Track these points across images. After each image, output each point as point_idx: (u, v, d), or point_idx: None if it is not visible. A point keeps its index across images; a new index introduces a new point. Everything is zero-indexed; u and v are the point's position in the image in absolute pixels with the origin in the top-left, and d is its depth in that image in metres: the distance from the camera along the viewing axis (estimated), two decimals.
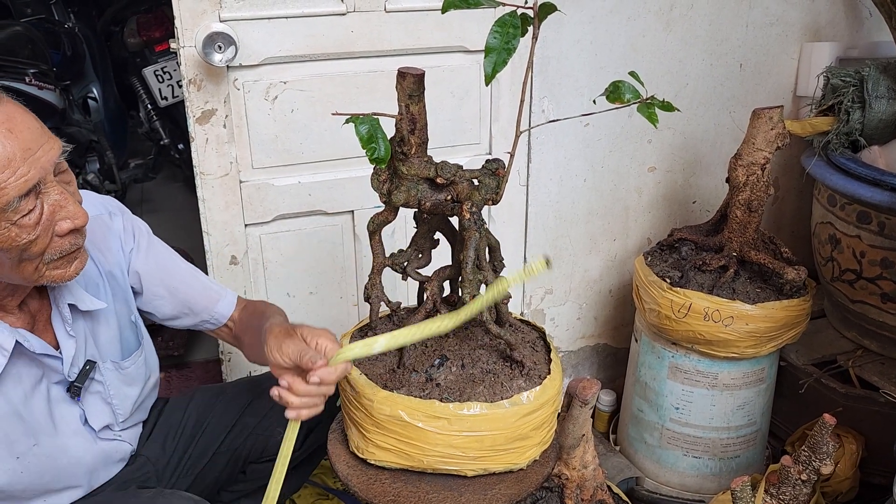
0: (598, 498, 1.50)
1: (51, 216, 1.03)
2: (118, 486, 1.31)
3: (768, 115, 1.66)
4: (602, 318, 2.21)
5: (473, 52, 1.74)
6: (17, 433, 1.14)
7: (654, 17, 1.87)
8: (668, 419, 1.88)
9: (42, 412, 1.17)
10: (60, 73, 3.31)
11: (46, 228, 1.02)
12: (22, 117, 1.00)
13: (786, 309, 1.68)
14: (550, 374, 1.27)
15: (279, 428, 1.40)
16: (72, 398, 1.21)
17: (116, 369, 1.29)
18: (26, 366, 1.14)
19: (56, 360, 1.17)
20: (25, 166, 0.98)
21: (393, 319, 1.39)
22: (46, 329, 1.18)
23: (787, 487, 1.39)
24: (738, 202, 1.73)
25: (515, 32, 0.96)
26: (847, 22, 2.09)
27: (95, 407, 1.25)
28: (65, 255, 1.07)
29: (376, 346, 1.10)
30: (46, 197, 1.02)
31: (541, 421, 1.24)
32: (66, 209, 1.04)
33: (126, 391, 1.31)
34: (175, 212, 3.86)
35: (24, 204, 0.99)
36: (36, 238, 1.01)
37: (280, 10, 1.55)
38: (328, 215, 1.76)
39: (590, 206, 2.03)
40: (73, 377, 1.20)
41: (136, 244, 1.33)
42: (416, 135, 1.13)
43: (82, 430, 1.23)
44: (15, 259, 1.02)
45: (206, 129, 1.59)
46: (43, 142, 1.01)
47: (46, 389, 1.18)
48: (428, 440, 1.18)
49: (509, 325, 1.34)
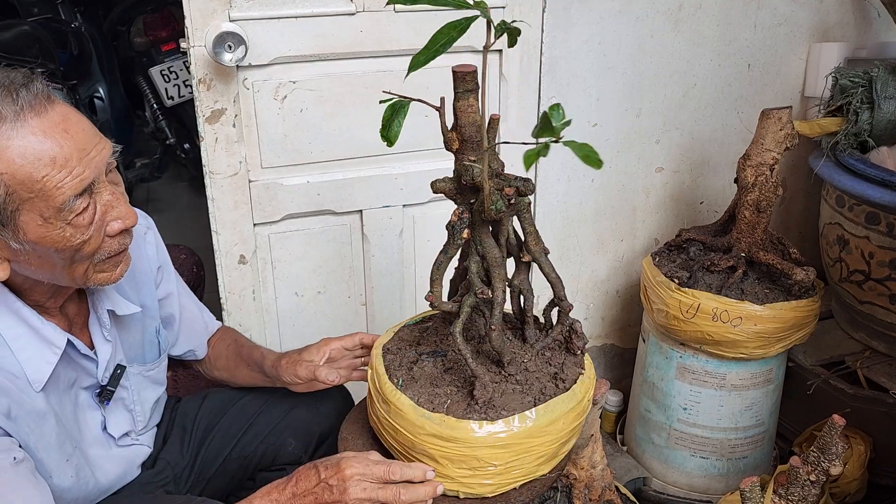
0: (607, 498, 1.50)
1: (103, 216, 1.03)
2: (140, 489, 1.31)
3: (777, 116, 1.66)
4: (609, 318, 2.21)
5: (482, 51, 1.73)
6: (63, 435, 1.14)
7: (663, 18, 1.87)
8: (675, 420, 1.88)
9: (71, 417, 1.17)
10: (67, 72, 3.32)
11: (99, 228, 1.03)
12: (76, 118, 1.01)
13: (794, 310, 1.68)
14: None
15: (291, 438, 1.42)
16: (99, 403, 1.21)
17: (141, 374, 1.30)
18: (63, 369, 1.14)
19: (92, 362, 1.18)
20: (81, 166, 0.98)
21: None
22: (83, 332, 1.19)
23: (795, 488, 1.39)
24: (747, 203, 1.73)
25: (455, 38, 0.96)
26: (855, 22, 2.09)
27: (117, 414, 1.26)
28: (113, 255, 1.07)
29: None
30: (99, 197, 1.03)
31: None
32: (118, 209, 1.05)
33: (146, 395, 1.32)
34: (181, 211, 3.87)
35: (78, 203, 0.99)
36: (89, 238, 1.02)
37: (290, 10, 1.55)
38: (337, 215, 1.76)
39: (597, 206, 2.03)
40: (105, 381, 1.21)
41: (164, 266, 1.36)
42: (457, 131, 1.12)
43: (101, 437, 1.23)
44: (67, 260, 1.03)
45: (215, 128, 1.59)
46: (96, 142, 1.02)
47: (75, 395, 1.18)
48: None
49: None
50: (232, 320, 1.76)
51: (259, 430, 1.42)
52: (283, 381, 1.37)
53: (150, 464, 1.36)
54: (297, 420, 1.43)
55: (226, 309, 1.75)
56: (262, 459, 1.43)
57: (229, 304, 1.75)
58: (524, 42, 1.76)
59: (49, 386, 1.11)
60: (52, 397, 1.12)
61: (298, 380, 1.35)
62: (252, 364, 1.44)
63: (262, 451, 1.42)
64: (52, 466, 1.11)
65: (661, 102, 1.97)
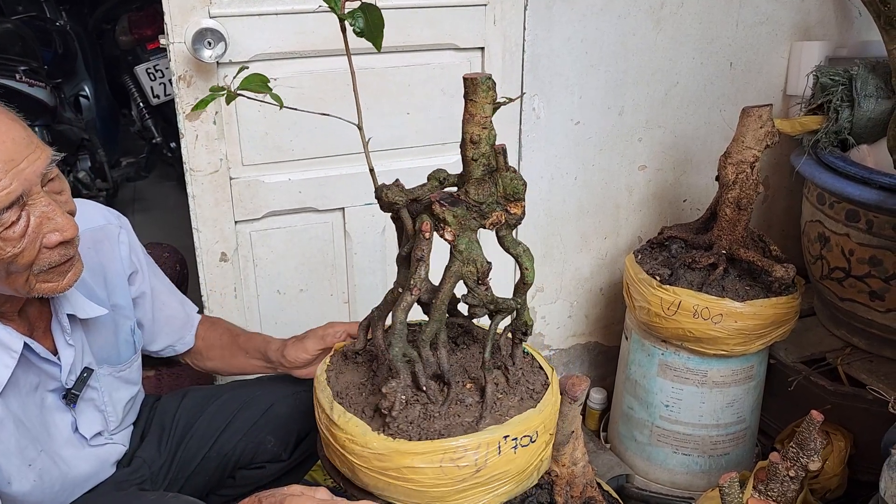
0: (588, 495, 1.50)
1: (38, 228, 1.00)
2: (115, 486, 1.30)
3: (758, 114, 1.67)
4: (593, 316, 2.21)
5: (464, 49, 1.74)
6: (25, 440, 1.13)
7: (645, 16, 1.88)
8: (658, 417, 1.88)
9: (36, 420, 1.16)
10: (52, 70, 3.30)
11: (33, 241, 0.99)
12: (6, 126, 0.97)
13: (775, 306, 1.69)
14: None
15: (270, 436, 1.41)
16: (66, 405, 1.20)
17: (112, 375, 1.29)
18: (24, 373, 1.13)
19: (55, 367, 1.16)
20: (8, 178, 0.95)
21: None
22: (45, 336, 1.17)
23: (775, 484, 1.40)
24: (728, 200, 1.74)
25: None
26: (836, 21, 2.10)
27: (88, 415, 1.25)
28: (55, 266, 1.04)
29: None
30: (33, 209, 0.99)
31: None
32: (54, 221, 1.01)
33: (119, 395, 1.31)
34: (167, 210, 3.86)
35: (6, 216, 0.96)
36: (21, 251, 0.98)
37: (270, 7, 1.55)
38: (319, 212, 1.76)
39: (580, 204, 2.03)
40: (70, 385, 1.19)
41: (139, 265, 1.35)
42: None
43: (73, 438, 1.22)
44: (2, 271, 1.00)
45: (195, 125, 1.58)
46: (28, 152, 0.98)
47: (41, 398, 1.17)
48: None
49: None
50: None
51: (238, 427, 1.42)
52: (287, 361, 1.38)
53: (127, 462, 1.35)
54: (276, 418, 1.42)
55: (207, 307, 1.74)
56: (241, 457, 1.42)
57: (211, 301, 1.74)
58: (506, 39, 1.76)
59: (8, 390, 1.09)
60: (13, 401, 1.11)
61: (307, 355, 1.36)
62: (252, 351, 1.44)
63: (242, 449, 1.41)
64: (12, 472, 1.10)
65: (644, 100, 1.97)
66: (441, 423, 1.09)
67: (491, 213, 1.10)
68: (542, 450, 1.17)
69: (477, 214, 1.09)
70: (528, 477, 1.16)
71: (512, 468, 1.10)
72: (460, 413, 1.12)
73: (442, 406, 1.11)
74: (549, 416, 1.16)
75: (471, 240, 1.10)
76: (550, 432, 1.18)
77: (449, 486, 1.07)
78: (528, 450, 1.11)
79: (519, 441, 1.09)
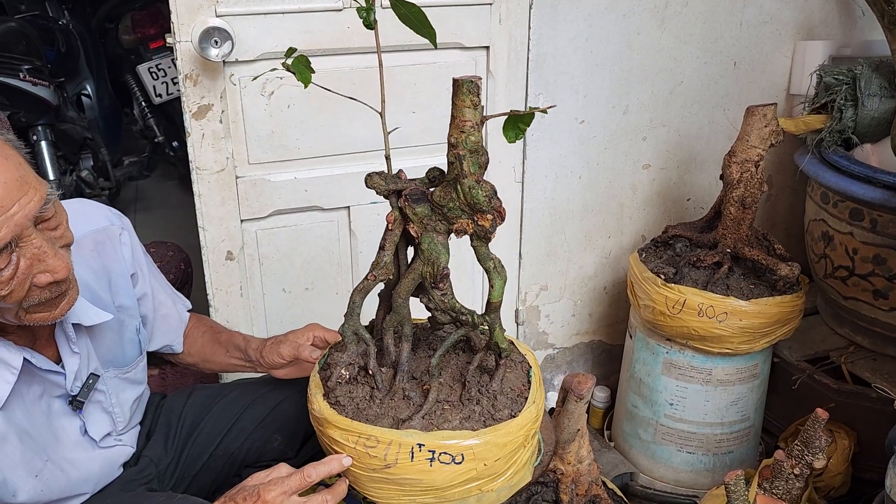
0: (593, 493, 1.50)
1: (28, 269, 0.96)
2: (122, 486, 1.30)
3: (762, 113, 1.68)
4: (597, 314, 2.22)
5: (469, 48, 1.74)
6: (30, 451, 1.12)
7: (649, 15, 1.88)
8: (662, 415, 1.89)
9: (43, 427, 1.15)
10: (55, 69, 3.30)
11: (23, 282, 0.96)
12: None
13: (779, 305, 1.69)
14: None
15: (277, 434, 1.41)
16: (73, 411, 1.20)
17: (118, 377, 1.28)
18: (27, 383, 1.11)
19: (59, 375, 1.15)
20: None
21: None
22: (49, 344, 1.16)
23: (780, 481, 1.40)
24: (732, 199, 1.74)
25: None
26: (840, 20, 2.10)
27: (96, 417, 1.24)
28: (46, 301, 1.01)
29: None
30: (24, 250, 0.95)
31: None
32: (45, 263, 0.97)
33: (125, 396, 1.30)
34: (170, 209, 3.86)
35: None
36: (10, 292, 0.95)
37: (277, 6, 1.55)
38: (324, 211, 1.76)
39: (585, 203, 2.04)
40: (75, 391, 1.18)
41: (139, 266, 1.34)
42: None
43: (82, 440, 1.22)
44: None
45: (202, 124, 1.59)
46: (20, 196, 0.92)
47: (47, 404, 1.16)
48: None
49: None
50: (219, 316, 1.76)
51: (245, 426, 1.42)
52: (266, 362, 1.37)
53: (133, 461, 1.35)
54: (283, 416, 1.43)
55: (213, 305, 1.75)
56: (247, 456, 1.42)
57: (216, 300, 1.74)
58: (511, 39, 1.77)
59: (12, 402, 1.08)
60: (18, 412, 1.10)
61: (281, 359, 1.35)
62: (232, 348, 1.43)
63: (248, 448, 1.41)
64: (18, 484, 1.10)
65: (648, 99, 1.98)
66: (376, 410, 1.11)
67: (456, 219, 1.07)
68: (473, 477, 1.06)
69: (442, 217, 1.08)
70: (457, 499, 1.09)
71: (427, 480, 1.05)
72: (398, 407, 1.11)
73: (385, 395, 1.12)
74: (487, 448, 1.05)
75: (434, 241, 1.09)
76: (487, 463, 1.06)
77: (362, 472, 1.08)
78: (450, 469, 1.05)
79: (437, 456, 1.04)
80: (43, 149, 3.20)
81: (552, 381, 2.24)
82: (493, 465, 1.06)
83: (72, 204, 1.26)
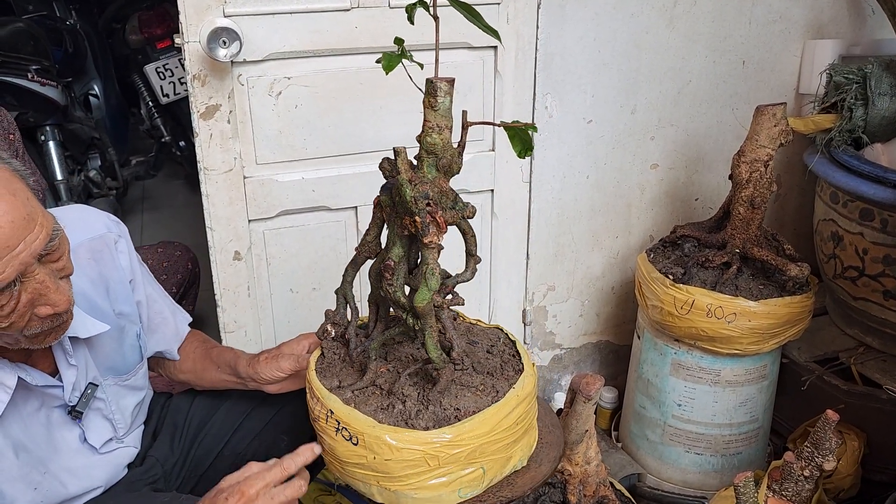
0: (601, 494, 1.50)
1: (29, 303, 0.97)
2: (127, 487, 1.30)
3: (772, 112, 1.67)
4: (604, 314, 2.21)
5: (477, 48, 1.74)
6: (27, 466, 1.12)
7: (658, 14, 1.88)
8: (670, 416, 1.88)
9: (42, 438, 1.15)
10: (62, 69, 3.31)
11: (23, 314, 0.97)
12: (5, 207, 0.91)
13: (788, 306, 1.69)
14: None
15: (283, 435, 1.41)
16: (72, 420, 1.20)
17: (118, 384, 1.28)
18: (24, 398, 1.12)
19: (56, 388, 1.15)
20: (1, 264, 0.91)
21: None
22: (45, 357, 1.15)
23: (789, 483, 1.39)
24: (741, 199, 1.73)
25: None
26: (850, 19, 2.09)
27: (96, 424, 1.24)
28: (46, 330, 1.02)
29: None
30: (27, 285, 0.96)
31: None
32: (47, 297, 0.98)
33: (126, 402, 1.30)
34: (176, 209, 3.87)
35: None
36: (10, 324, 0.97)
37: (285, 6, 1.55)
38: (332, 211, 1.76)
39: (592, 203, 2.03)
40: (74, 402, 1.18)
41: (135, 274, 1.33)
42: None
43: (82, 448, 1.22)
44: None
45: (210, 124, 1.59)
46: (26, 234, 0.92)
47: (46, 416, 1.16)
48: None
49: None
50: (227, 317, 1.76)
51: (252, 426, 1.42)
52: (260, 378, 1.34)
53: (139, 461, 1.35)
54: (291, 417, 1.42)
55: (220, 305, 1.75)
56: (254, 456, 1.40)
57: (224, 300, 1.74)
58: (519, 38, 1.76)
59: (9, 417, 1.09)
60: (14, 426, 1.10)
61: (281, 374, 1.33)
62: (223, 365, 1.40)
63: (256, 448, 1.41)
64: (17, 496, 1.10)
65: (656, 99, 1.97)
66: (333, 376, 1.20)
67: (404, 215, 1.07)
68: (366, 463, 1.09)
69: (401, 210, 1.08)
70: (359, 479, 1.12)
71: (339, 450, 1.12)
72: (349, 376, 1.21)
73: (346, 363, 1.23)
74: (377, 444, 1.06)
75: (393, 231, 1.13)
76: (376, 457, 1.07)
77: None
78: (346, 446, 1.10)
79: (340, 428, 1.11)
80: (51, 149, 3.21)
81: (559, 381, 2.24)
82: (383, 462, 1.07)
83: (70, 211, 1.27)
